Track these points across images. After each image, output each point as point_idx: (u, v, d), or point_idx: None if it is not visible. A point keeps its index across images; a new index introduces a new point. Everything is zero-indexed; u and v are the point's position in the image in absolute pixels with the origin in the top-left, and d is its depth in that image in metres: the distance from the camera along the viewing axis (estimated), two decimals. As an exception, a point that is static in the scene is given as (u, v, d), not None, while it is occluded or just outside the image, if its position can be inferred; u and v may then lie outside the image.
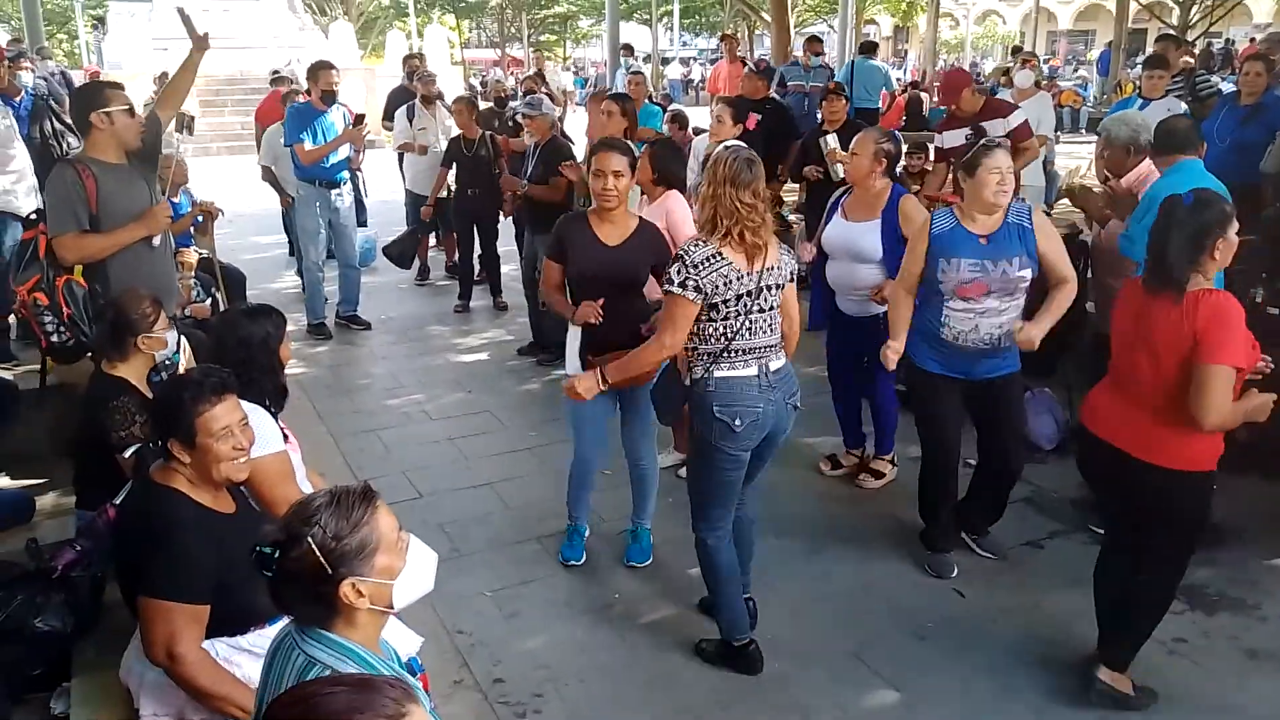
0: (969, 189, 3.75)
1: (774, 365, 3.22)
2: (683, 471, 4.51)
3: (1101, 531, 3.84)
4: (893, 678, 3.40)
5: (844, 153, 6.50)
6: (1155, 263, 2.97)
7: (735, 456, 3.24)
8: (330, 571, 1.75)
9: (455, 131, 7.92)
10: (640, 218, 3.90)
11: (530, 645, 3.62)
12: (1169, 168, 4.15)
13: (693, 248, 3.06)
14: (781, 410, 3.27)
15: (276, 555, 1.76)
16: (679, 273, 3.03)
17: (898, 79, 19.69)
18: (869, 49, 12.96)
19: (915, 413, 4.14)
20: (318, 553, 1.74)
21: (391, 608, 1.85)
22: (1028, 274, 3.70)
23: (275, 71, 10.32)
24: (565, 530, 4.23)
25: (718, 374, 3.14)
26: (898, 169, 5.28)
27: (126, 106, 4.04)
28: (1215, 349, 2.82)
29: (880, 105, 12.38)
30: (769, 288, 3.15)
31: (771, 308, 3.18)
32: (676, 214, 4.46)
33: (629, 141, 4.71)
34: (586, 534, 4.24)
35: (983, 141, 3.80)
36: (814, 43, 11.32)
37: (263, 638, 2.53)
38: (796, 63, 11.71)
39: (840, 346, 4.84)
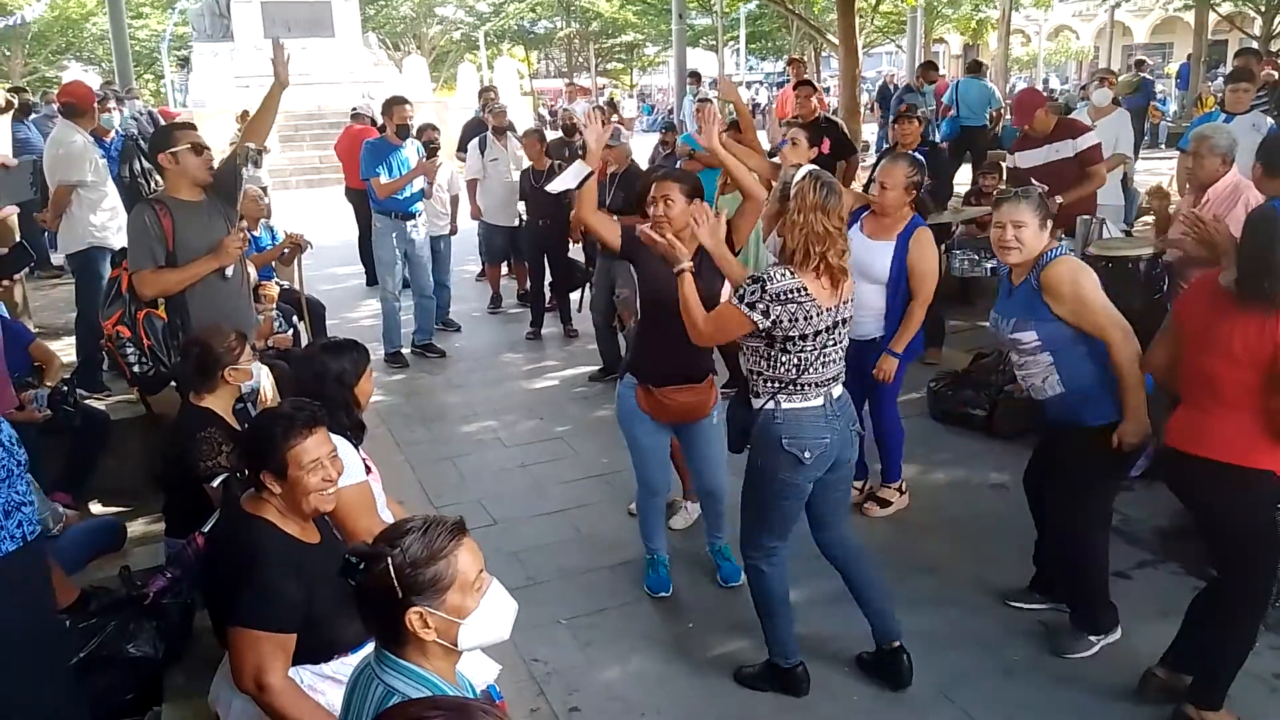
0: None
1: (836, 393, 3.22)
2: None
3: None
4: (980, 715, 3.31)
5: (918, 174, 6.46)
6: (1251, 275, 2.87)
7: (799, 487, 3.21)
8: (400, 596, 1.78)
9: (526, 163, 8.05)
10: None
11: (606, 675, 3.61)
12: None
13: (777, 275, 3.02)
14: (845, 437, 3.25)
15: (361, 567, 1.80)
16: (753, 294, 3.02)
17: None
18: (975, 68, 12.99)
19: None
20: (392, 575, 1.78)
21: (456, 646, 1.86)
22: (1023, 338, 3.39)
23: (355, 108, 10.60)
24: (648, 561, 4.20)
25: (786, 405, 3.12)
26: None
27: (189, 145, 4.17)
28: None
29: (987, 123, 12.47)
30: (844, 320, 3.16)
31: (844, 339, 3.18)
32: None
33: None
34: (668, 562, 4.23)
35: (997, 193, 3.63)
36: (929, 69, 11.25)
37: (346, 666, 2.57)
38: (911, 88, 11.71)
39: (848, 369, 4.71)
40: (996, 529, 4.47)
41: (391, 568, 1.78)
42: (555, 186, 3.84)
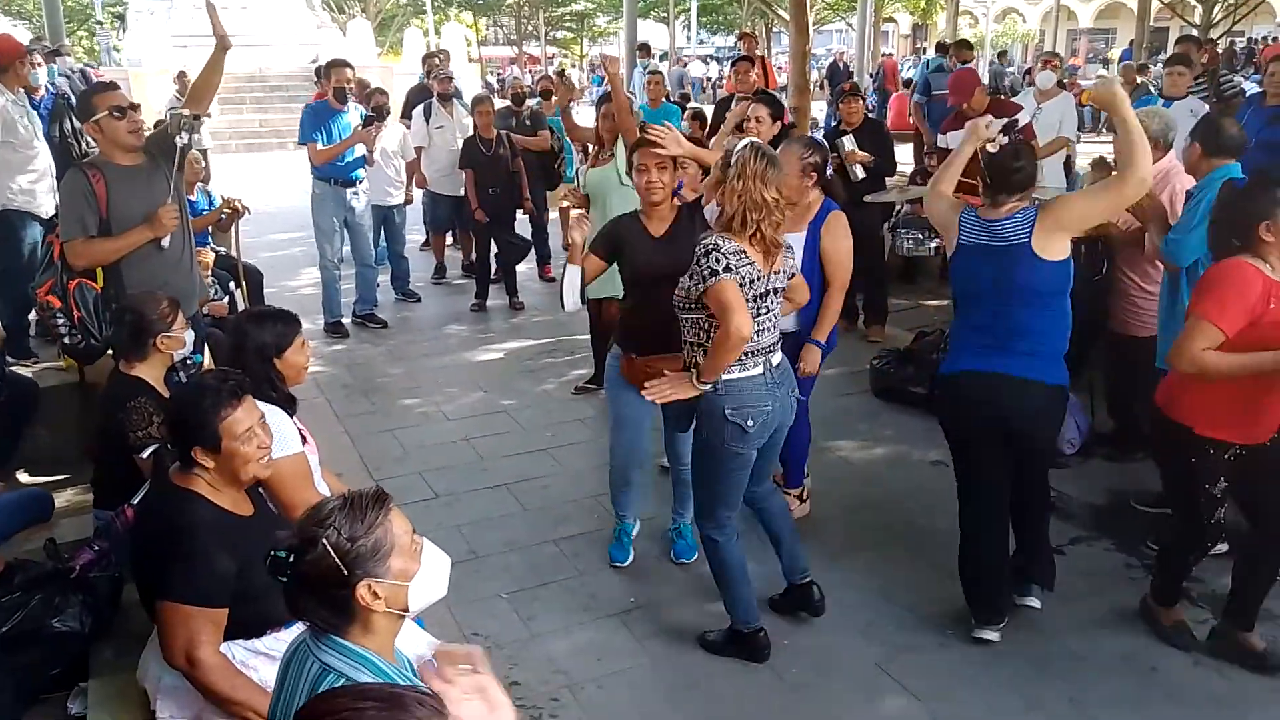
0: None
1: (776, 360, 3.26)
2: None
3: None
4: (915, 688, 3.36)
5: (862, 153, 6.46)
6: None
7: (745, 456, 3.26)
8: (346, 574, 1.74)
9: (472, 130, 7.94)
10: (680, 204, 3.87)
11: (548, 649, 3.60)
12: (1215, 171, 4.02)
13: (721, 241, 3.04)
14: (786, 405, 3.29)
15: (291, 560, 1.75)
16: (718, 260, 3.01)
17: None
18: (943, 49, 13.42)
19: None
20: (334, 555, 1.73)
21: (407, 610, 1.85)
22: None
23: (318, 66, 10.17)
24: (615, 528, 4.21)
25: (726, 376, 3.14)
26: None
27: (108, 110, 3.97)
28: (1196, 301, 3.15)
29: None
30: (775, 290, 3.20)
31: (776, 308, 3.23)
32: None
33: None
34: (634, 532, 4.23)
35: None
36: (962, 49, 11.30)
37: (279, 641, 2.53)
38: (942, 67, 11.92)
39: None
40: (935, 505, 4.52)
41: (330, 547, 1.74)
42: (569, 303, 3.73)
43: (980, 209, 3.40)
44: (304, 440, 3.08)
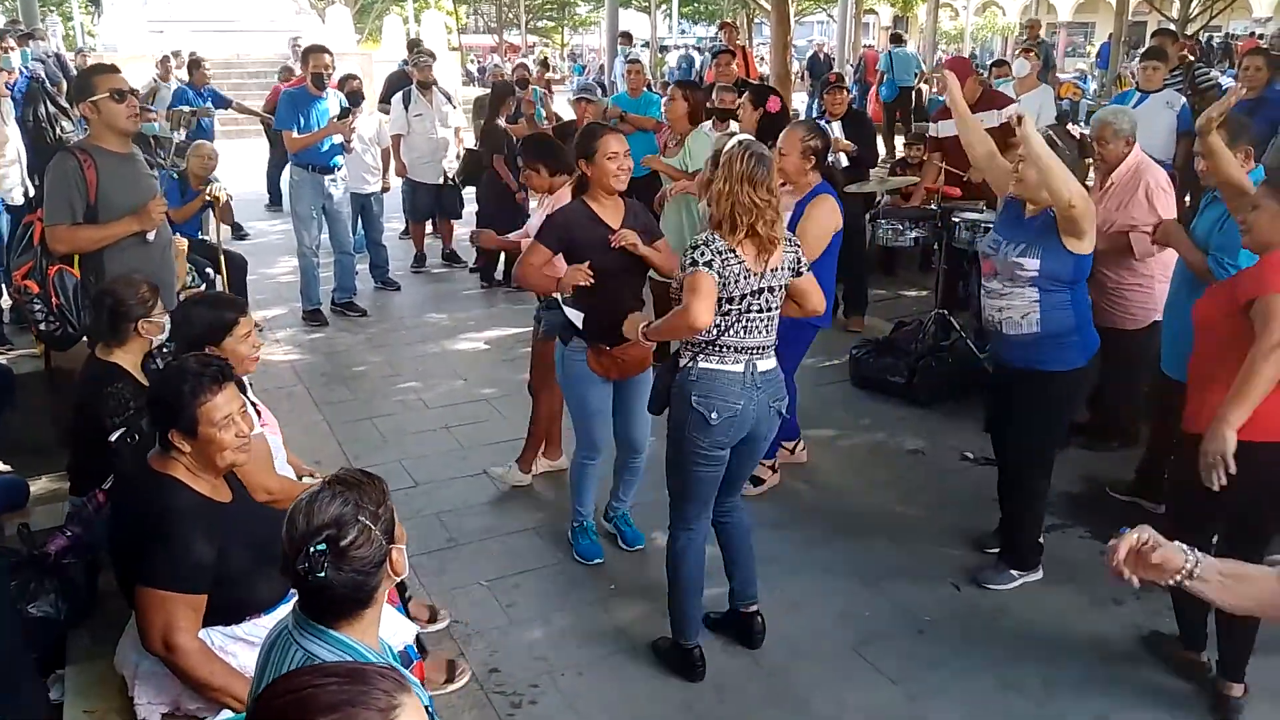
0: None
1: (762, 366, 3.16)
2: None
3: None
4: (892, 672, 3.40)
5: (846, 141, 6.50)
6: None
7: (709, 453, 3.17)
8: (387, 545, 1.79)
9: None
10: (622, 195, 3.82)
11: (527, 636, 3.61)
12: (1251, 174, 3.87)
13: (710, 237, 3.02)
14: (763, 412, 3.18)
15: (326, 559, 1.71)
16: (701, 254, 2.99)
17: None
18: (897, 40, 15.60)
19: None
20: (376, 531, 1.77)
21: (403, 573, 1.89)
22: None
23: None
24: (577, 529, 4.15)
25: (702, 364, 3.11)
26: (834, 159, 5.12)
27: (109, 91, 3.90)
28: None
29: (914, 83, 15.11)
30: (771, 289, 3.12)
31: (771, 308, 3.14)
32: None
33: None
34: (595, 529, 4.21)
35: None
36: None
37: (258, 627, 2.53)
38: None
39: None
40: (912, 493, 4.57)
41: (375, 529, 1.76)
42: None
43: None
44: (258, 414, 3.07)
